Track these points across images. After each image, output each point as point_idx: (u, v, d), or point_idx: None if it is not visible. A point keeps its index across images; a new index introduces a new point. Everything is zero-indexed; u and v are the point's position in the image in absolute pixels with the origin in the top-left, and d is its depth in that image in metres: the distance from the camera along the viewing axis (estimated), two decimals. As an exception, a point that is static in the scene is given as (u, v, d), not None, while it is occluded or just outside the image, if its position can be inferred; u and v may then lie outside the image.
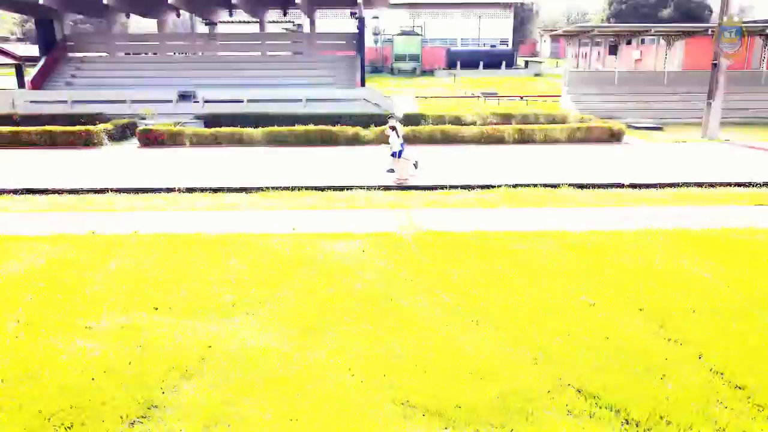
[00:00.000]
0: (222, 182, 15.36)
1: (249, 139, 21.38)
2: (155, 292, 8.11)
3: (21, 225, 11.60)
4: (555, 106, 33.67)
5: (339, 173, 16.57)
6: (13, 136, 21.15)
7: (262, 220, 11.92)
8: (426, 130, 21.60)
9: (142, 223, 11.71)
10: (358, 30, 32.14)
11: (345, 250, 9.84)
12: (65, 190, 14.68)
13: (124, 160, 18.99)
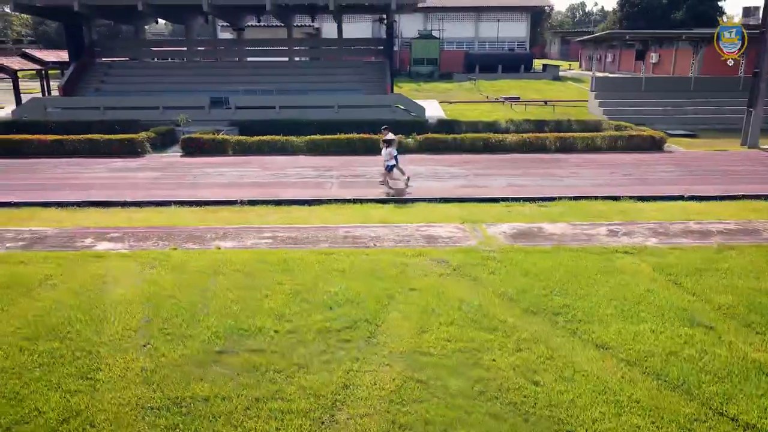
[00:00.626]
0: (281, 194, 15.40)
1: (291, 147, 21.40)
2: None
3: (100, 241, 11.64)
4: (583, 111, 33.70)
5: (394, 183, 16.57)
6: (57, 145, 21.17)
7: (335, 235, 11.95)
8: (468, 138, 21.64)
9: (221, 238, 11.75)
10: (386, 36, 32.13)
11: (436, 269, 9.88)
12: (128, 203, 14.72)
13: (173, 169, 19.00)
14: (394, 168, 15.98)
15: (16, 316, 8.14)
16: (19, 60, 34.56)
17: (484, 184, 16.58)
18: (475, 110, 33.96)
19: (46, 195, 15.38)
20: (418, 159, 20.24)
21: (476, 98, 40.64)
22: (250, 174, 17.99)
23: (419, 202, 14.73)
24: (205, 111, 28.13)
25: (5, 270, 9.88)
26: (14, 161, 20.22)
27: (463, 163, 19.64)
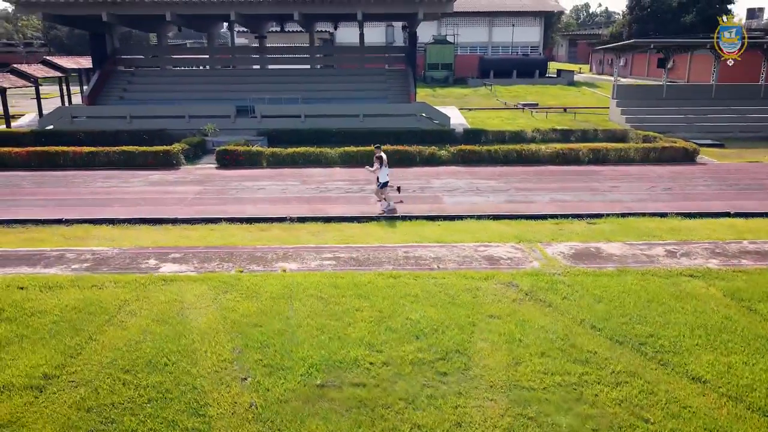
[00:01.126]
0: (328, 210, 15.48)
1: (325, 159, 21.46)
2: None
3: (164, 262, 11.71)
4: (603, 119, 33.77)
5: (436, 198, 16.66)
6: (92, 156, 21.23)
7: (396, 255, 12.01)
8: (502, 150, 21.69)
9: (282, 259, 11.82)
10: (408, 43, 32.19)
11: (508, 293, 9.95)
12: (179, 220, 14.79)
13: (212, 183, 19.06)
14: (385, 186, 15.63)
15: (108, 347, 8.21)
16: (41, 67, 34.68)
17: (527, 199, 16.65)
18: (497, 118, 34.01)
19: (94, 211, 15.45)
20: (453, 172, 20.32)
21: (494, 104, 40.70)
22: (291, 188, 18.05)
23: (468, 219, 14.79)
24: (231, 120, 28.24)
25: (80, 295, 9.95)
26: (50, 173, 20.31)
27: (499, 176, 19.71)
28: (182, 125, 27.88)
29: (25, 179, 19.43)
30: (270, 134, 26.42)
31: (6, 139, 26.36)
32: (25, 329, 8.74)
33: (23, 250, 12.45)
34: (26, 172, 20.57)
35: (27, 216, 15.00)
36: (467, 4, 57.47)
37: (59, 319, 9.05)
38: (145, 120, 28.09)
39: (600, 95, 44.59)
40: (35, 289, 10.21)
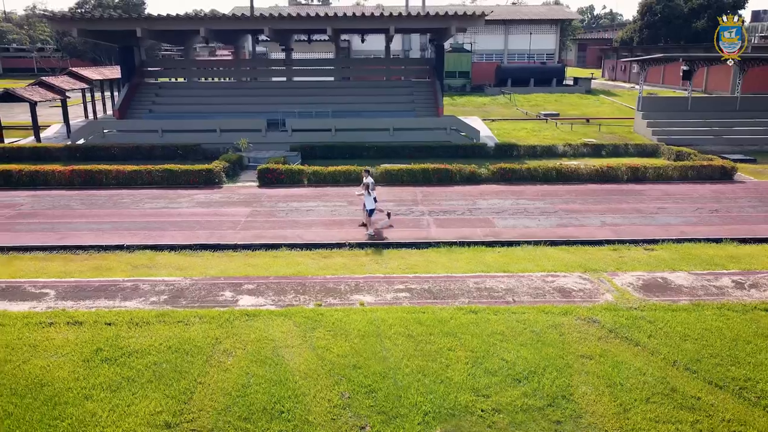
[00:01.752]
0: (384, 235, 15.62)
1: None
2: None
3: (239, 294, 11.85)
4: (628, 130, 33.91)
5: (487, 221, 16.79)
6: (134, 175, 21.35)
7: (467, 287, 12.15)
8: (542, 169, 21.81)
9: (355, 291, 11.96)
10: (435, 56, 32.31)
11: (592, 330, 10.08)
12: (239, 246, 14.93)
13: (259, 204, 19.19)
14: (372, 212, 15.80)
15: (218, 390, 8.35)
16: (67, 79, 34.85)
17: (578, 222, 16.79)
18: (522, 129, 34.15)
19: (152, 236, 15.60)
20: (496, 191, 20.45)
21: (515, 114, 40.83)
22: (340, 210, 18.18)
23: (525, 245, 14.93)
24: (262, 134, 28.40)
25: (170, 332, 10.09)
26: (96, 193, 20.44)
27: (543, 195, 19.85)
28: (214, 139, 28.05)
29: (72, 199, 19.56)
30: (303, 149, 26.55)
31: (40, 154, 26.56)
32: (128, 371, 8.88)
33: (97, 281, 12.59)
34: (71, 191, 20.70)
35: (88, 241, 15.13)
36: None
37: (159, 359, 9.19)
38: (176, 134, 28.24)
39: (619, 105, 44.72)
40: (123, 325, 10.35)
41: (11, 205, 18.94)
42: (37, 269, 13.41)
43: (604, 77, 71.50)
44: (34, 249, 14.77)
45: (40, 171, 21.41)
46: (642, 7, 77.75)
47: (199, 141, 27.72)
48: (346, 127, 28.68)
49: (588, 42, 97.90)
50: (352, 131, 28.54)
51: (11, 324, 10.41)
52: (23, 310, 11.05)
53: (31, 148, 26.68)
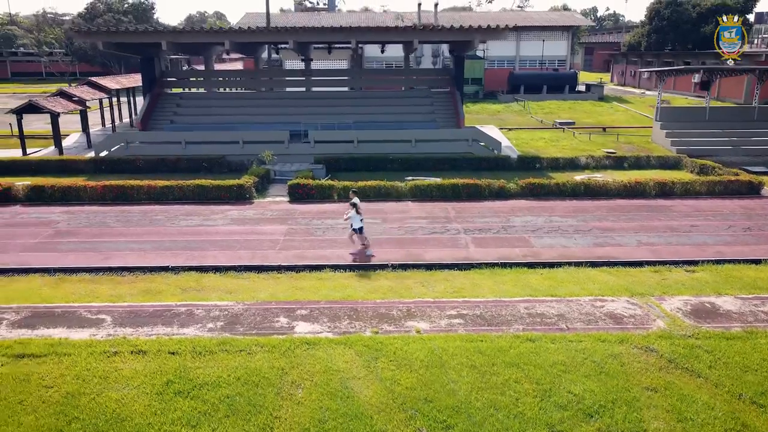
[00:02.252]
0: (424, 255, 15.76)
1: (396, 193, 21.72)
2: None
3: (294, 320, 11.99)
4: (646, 140, 34.03)
5: (524, 240, 16.92)
6: (166, 191, 21.47)
7: (518, 313, 12.29)
8: (570, 184, 21.94)
9: (408, 316, 12.08)
10: (455, 67, 32.44)
11: (651, 360, 10.21)
12: (283, 267, 15.07)
13: (294, 221, 19.32)
14: (361, 230, 15.99)
15: (295, 426, 8.48)
16: (87, 89, 35.01)
17: (614, 241, 16.91)
18: (540, 139, 34.28)
19: (194, 256, 15.74)
20: (527, 207, 20.58)
21: (530, 123, 40.96)
22: (375, 228, 18.29)
23: (566, 266, 15.06)
24: (285, 145, 28.51)
25: (235, 362, 10.22)
26: (128, 209, 20.57)
27: (574, 211, 19.98)
28: (237, 150, 28.21)
29: (107, 216, 19.70)
30: (327, 161, 26.68)
31: (66, 167, 26.71)
32: (203, 405, 9.01)
33: (150, 306, 12.73)
34: (104, 207, 20.84)
35: (132, 262, 15.28)
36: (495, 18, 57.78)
37: (230, 392, 9.32)
38: (199, 146, 28.40)
39: (633, 112, 44.85)
40: (188, 355, 10.48)
41: (48, 222, 19.08)
42: (87, 292, 13.55)
43: (613, 82, 71.63)
44: (81, 270, 14.90)
45: (72, 187, 21.54)
46: (650, 11, 77.80)
47: (223, 153, 27.90)
48: (369, 139, 28.84)
49: (594, 45, 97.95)
50: (374, 143, 28.70)
51: (77, 353, 10.55)
52: (85, 338, 11.19)
53: (56, 161, 26.82)
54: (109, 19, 69.10)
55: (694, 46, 74.97)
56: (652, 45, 77.35)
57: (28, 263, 15.33)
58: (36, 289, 13.76)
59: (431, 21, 54.03)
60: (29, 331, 11.53)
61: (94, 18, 71.33)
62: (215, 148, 28.27)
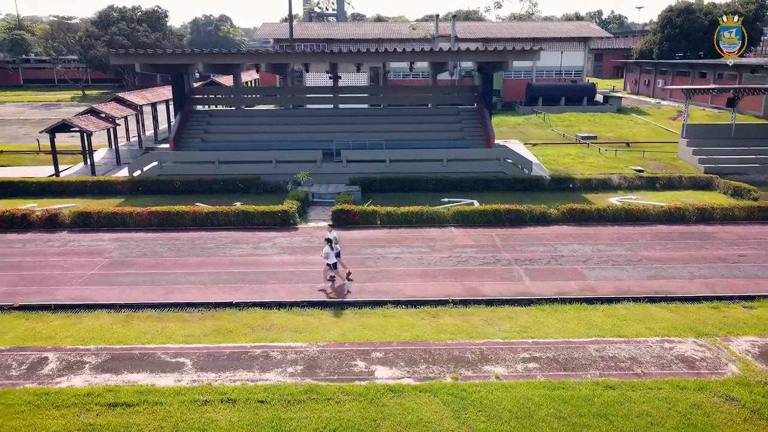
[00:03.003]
0: (481, 289, 15.95)
1: (438, 219, 21.88)
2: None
3: (371, 363, 12.17)
4: (672, 156, 34.24)
5: (576, 272, 17.10)
6: (211, 217, 21.63)
7: (590, 355, 12.47)
8: (611, 210, 22.11)
9: (483, 360, 12.27)
10: (483, 85, 32.62)
11: (735, 411, 10.39)
12: (345, 303, 15.26)
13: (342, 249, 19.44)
14: (335, 266, 16.10)
15: (405, 486, 8.68)
16: (116, 105, 35.20)
17: (666, 273, 17.09)
18: (566, 156, 34.48)
19: (255, 291, 15.94)
20: (570, 234, 20.76)
21: (552, 137, 41.15)
22: (426, 257, 18.49)
23: (624, 301, 15.25)
24: (317, 164, 28.67)
25: (326, 412, 10.42)
26: (176, 235, 20.74)
27: (618, 239, 20.16)
28: (271, 170, 28.39)
29: (157, 244, 19.89)
30: (362, 183, 26.84)
31: (103, 188, 26.93)
32: (307, 461, 9.21)
33: (227, 348, 12.92)
34: (151, 233, 21.03)
35: (195, 297, 15.48)
36: (513, 30, 58.12)
37: (332, 447, 9.52)
38: (233, 165, 28.57)
39: (653, 125, 45.04)
40: (277, 404, 10.68)
41: (100, 251, 19.27)
42: (159, 331, 13.75)
43: (626, 90, 71.80)
44: (146, 306, 15.10)
45: (118, 213, 21.72)
46: (662, 20, 78.10)
47: (257, 172, 28.07)
48: (401, 158, 29.00)
49: (604, 51, 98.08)
50: (405, 162, 28.88)
51: (168, 402, 10.75)
52: (171, 385, 11.38)
53: (93, 182, 27.01)
54: (124, 28, 69.37)
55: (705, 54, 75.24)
56: (664, 53, 77.63)
57: (92, 298, 15.53)
58: (107, 328, 13.97)
59: (448, 32, 54.27)
60: (114, 377, 11.74)
61: (107, 26, 71.60)
62: (249, 167, 28.41)
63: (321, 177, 28.18)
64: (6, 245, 19.90)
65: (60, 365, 12.21)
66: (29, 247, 19.73)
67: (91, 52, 66.80)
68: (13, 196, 26.51)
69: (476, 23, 68.37)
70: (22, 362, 12.38)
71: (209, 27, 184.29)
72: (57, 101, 69.51)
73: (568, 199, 25.36)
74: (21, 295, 15.80)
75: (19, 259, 18.52)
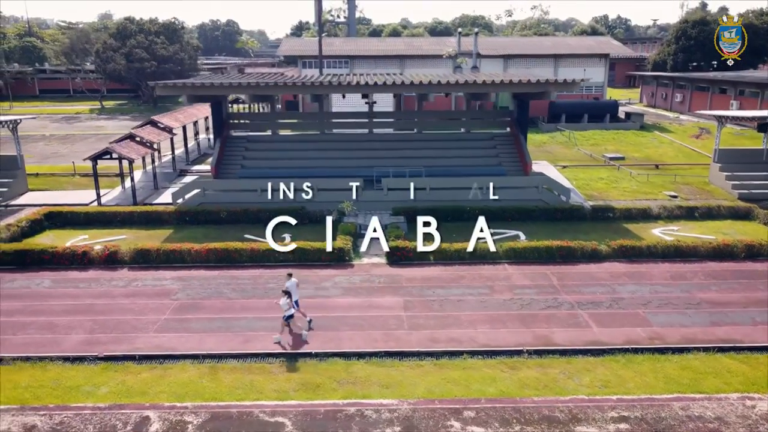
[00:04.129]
0: (552, 337, 16.30)
1: (490, 255, 22.18)
2: None
3: (466, 424, 12.53)
4: (703, 180, 34.58)
5: (639, 318, 17.44)
6: (268, 254, 21.90)
7: (676, 414, 12.82)
8: (661, 246, 22.45)
9: (573, 420, 12.62)
10: (518, 110, 32.98)
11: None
12: (423, 353, 15.60)
13: (404, 290, 19.85)
14: (290, 318, 16.36)
15: None
16: (152, 130, 35.54)
17: (728, 319, 17.42)
18: (599, 180, 34.80)
19: (329, 339, 16.30)
20: (623, 273, 21.08)
21: (579, 157, 41.46)
22: (488, 300, 18.83)
23: (695, 351, 15.59)
24: (357, 192, 28.96)
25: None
26: (235, 273, 21.08)
27: (672, 279, 20.49)
28: (311, 197, 28.68)
29: (219, 283, 20.23)
30: (405, 213, 27.17)
31: (151, 218, 27.26)
32: None
33: (320, 405, 13.27)
34: (211, 271, 21.36)
35: (272, 346, 15.82)
36: (534, 46, 58.52)
37: None
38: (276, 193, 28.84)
39: (678, 144, 45.36)
40: (388, 471, 11.03)
41: (165, 292, 19.62)
42: (247, 385, 14.11)
43: (642, 102, 72.12)
44: (228, 357, 15.45)
45: (176, 249, 22.05)
46: (676, 31, 78.48)
47: (298, 200, 28.39)
48: (441, 186, 29.30)
49: (616, 61, 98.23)
50: (445, 189, 29.20)
51: (282, 469, 11.10)
52: (279, 449, 11.74)
53: (140, 212, 27.35)
54: (142, 40, 69.70)
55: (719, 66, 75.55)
56: (679, 64, 77.96)
57: (173, 347, 15.88)
58: (196, 381, 14.32)
59: (470, 48, 54.68)
60: (220, 439, 12.09)
61: (124, 38, 71.90)
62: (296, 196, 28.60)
63: (361, 204, 28.49)
64: (72, 285, 20.27)
65: (164, 426, 12.56)
66: (95, 287, 20.09)
67: (110, 65, 67.05)
68: (62, 226, 26.82)
69: (497, 39, 68.87)
70: (126, 422, 12.74)
71: (216, 32, 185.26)
72: (76, 113, 69.90)
73: (610, 230, 25.81)
74: (102, 343, 16.16)
75: (89, 302, 18.88)
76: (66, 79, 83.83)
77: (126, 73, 67.83)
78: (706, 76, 56.87)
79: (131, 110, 72.45)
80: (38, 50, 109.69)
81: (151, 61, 67.87)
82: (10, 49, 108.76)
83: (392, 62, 55.05)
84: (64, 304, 18.68)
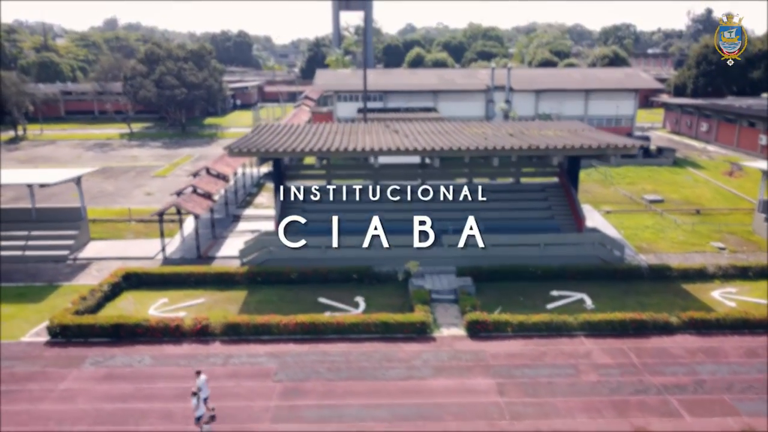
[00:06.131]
0: (650, 429, 17.16)
1: (566, 327, 23.07)
2: None
3: None
4: (747, 229, 35.46)
5: (726, 407, 18.28)
6: (353, 327, 22.80)
7: None
8: (730, 317, 23.27)
9: None
10: (569, 164, 33.81)
11: None
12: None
13: (493, 370, 20.63)
14: (200, 419, 16.62)
15: None
16: (210, 179, 36.39)
17: (812, 407, 18.29)
18: (645, 228, 35.73)
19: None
20: (697, 348, 21.91)
21: (619, 198, 42.36)
22: (577, 384, 19.62)
23: (790, 447, 16.47)
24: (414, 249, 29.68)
25: None
26: (325, 348, 21.87)
27: (746, 356, 21.32)
28: (373, 254, 29.41)
29: (314, 361, 20.96)
30: (473, 273, 28.07)
31: (224, 279, 28.13)
32: None
33: None
34: (301, 345, 22.18)
35: (390, 442, 16.72)
36: (564, 80, 59.41)
37: None
38: (338, 251, 29.68)
39: (713, 184, 46.23)
40: None
41: (264, 372, 20.44)
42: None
43: (665, 128, 73.03)
44: (349, 454, 16.34)
45: (265, 324, 22.90)
46: (697, 55, 79.49)
47: (360, 256, 29.14)
48: (498, 243, 30.13)
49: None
50: (503, 246, 30.04)
51: None
52: None
53: (214, 273, 28.23)
54: (172, 67, 70.60)
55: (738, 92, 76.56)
56: (699, 89, 78.96)
57: (293, 442, 16.75)
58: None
59: (503, 82, 55.61)
60: None
61: (152, 63, 72.85)
62: (354, 253, 29.38)
63: (422, 262, 29.30)
64: (173, 362, 21.12)
65: None
66: (195, 365, 20.92)
67: (141, 92, 67.98)
68: (138, 286, 27.71)
69: (527, 71, 69.66)
70: None
71: (228, 43, 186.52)
72: (107, 139, 70.93)
73: (670, 292, 26.76)
74: (225, 436, 17.03)
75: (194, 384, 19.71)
76: (91, 101, 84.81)
77: (156, 99, 68.77)
78: (733, 107, 57.68)
79: (160, 135, 73.44)
80: (55, 65, 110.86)
81: (181, 88, 68.84)
82: (28, 65, 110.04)
83: (425, 96, 56.02)
84: (174, 388, 19.51)
